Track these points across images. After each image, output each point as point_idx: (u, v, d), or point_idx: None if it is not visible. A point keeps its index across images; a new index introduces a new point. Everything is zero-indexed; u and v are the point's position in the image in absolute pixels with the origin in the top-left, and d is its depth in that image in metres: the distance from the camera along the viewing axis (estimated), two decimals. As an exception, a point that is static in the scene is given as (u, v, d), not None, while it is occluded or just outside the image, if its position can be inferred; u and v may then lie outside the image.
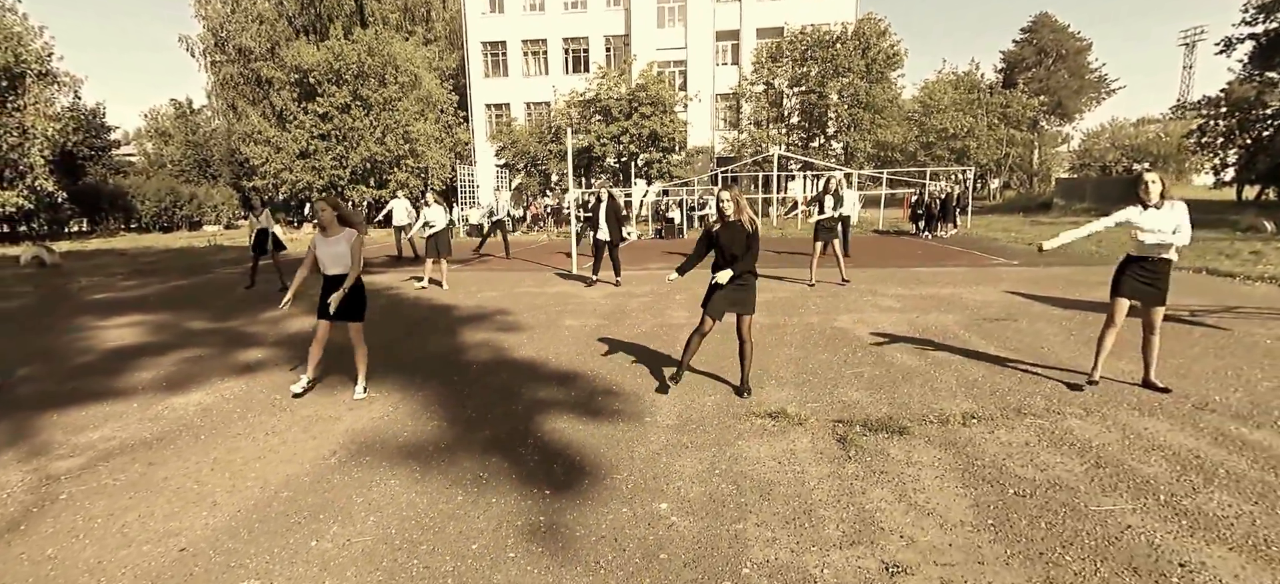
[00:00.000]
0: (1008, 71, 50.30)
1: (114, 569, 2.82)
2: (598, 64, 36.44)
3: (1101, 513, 3.15)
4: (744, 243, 4.84)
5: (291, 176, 32.19)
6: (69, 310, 9.67)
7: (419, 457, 3.99)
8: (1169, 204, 4.65)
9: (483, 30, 39.75)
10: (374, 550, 2.94)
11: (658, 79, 33.70)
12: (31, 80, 22.77)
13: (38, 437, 4.41)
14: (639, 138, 32.39)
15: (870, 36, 30.11)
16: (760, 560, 2.83)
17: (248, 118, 33.90)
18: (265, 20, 36.24)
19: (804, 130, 33.63)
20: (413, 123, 32.67)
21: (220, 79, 38.57)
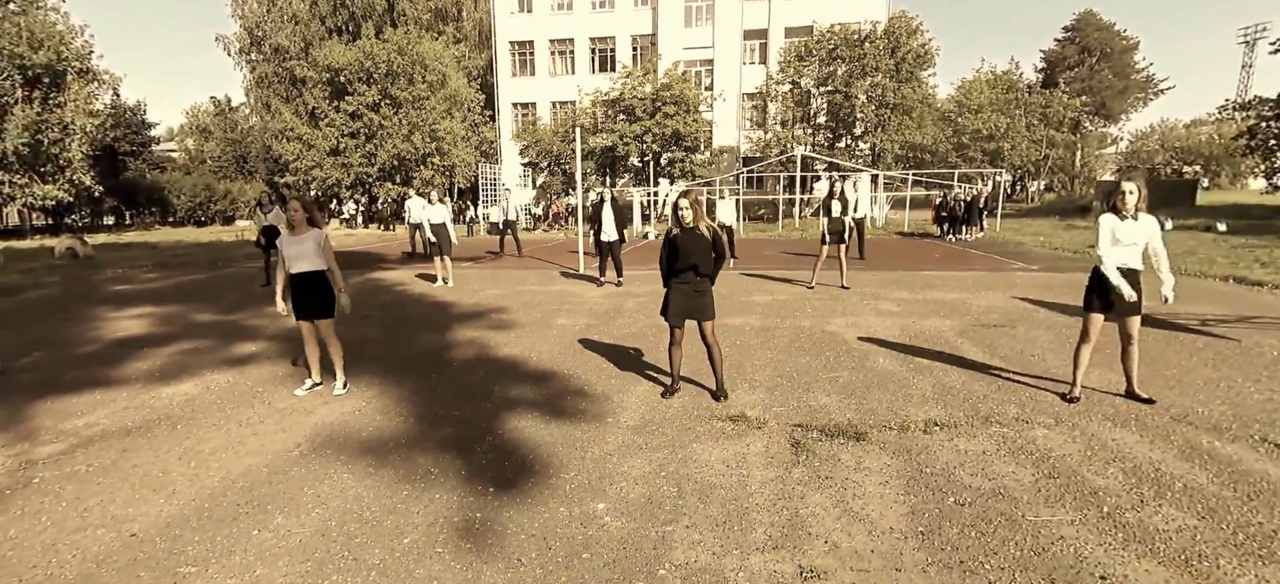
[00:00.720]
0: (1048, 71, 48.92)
1: (66, 551, 2.98)
2: (623, 64, 36.61)
3: (1037, 523, 3.09)
4: (705, 249, 4.82)
5: (322, 173, 33.06)
6: (88, 301, 10.13)
7: (377, 451, 4.10)
8: (1143, 217, 4.52)
9: (511, 30, 40.16)
10: (309, 542, 3.04)
11: (682, 78, 33.69)
12: (72, 78, 23.81)
13: (27, 422, 4.66)
14: (661, 137, 32.43)
15: (900, 35, 29.59)
16: (680, 562, 2.85)
17: (281, 115, 34.87)
18: (299, 20, 37.24)
19: (830, 131, 33.24)
20: (439, 121, 33.20)
21: (256, 77, 39.77)
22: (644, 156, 33.90)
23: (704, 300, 4.92)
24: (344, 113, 32.47)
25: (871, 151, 31.96)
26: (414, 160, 33.44)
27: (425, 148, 33.19)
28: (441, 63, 34.46)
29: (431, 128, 32.95)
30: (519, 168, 38.67)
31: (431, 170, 33.49)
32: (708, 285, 4.94)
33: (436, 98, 33.68)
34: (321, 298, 5.22)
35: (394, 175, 33.74)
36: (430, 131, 33.03)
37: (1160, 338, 6.63)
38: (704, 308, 4.91)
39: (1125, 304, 4.58)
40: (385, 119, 32.29)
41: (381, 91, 32.52)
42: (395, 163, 33.21)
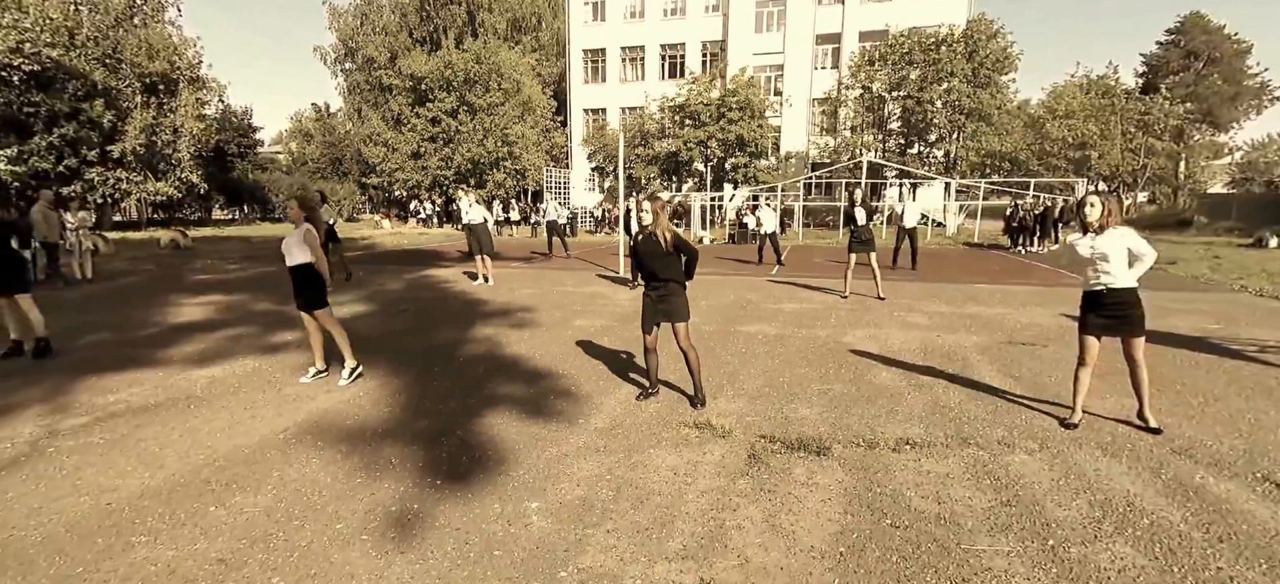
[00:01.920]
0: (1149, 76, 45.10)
1: (49, 514, 3.35)
2: (692, 70, 36.66)
3: (970, 552, 2.94)
4: (662, 254, 4.81)
5: (403, 175, 34.87)
6: (169, 288, 11.15)
7: (352, 439, 4.35)
8: (1113, 231, 4.20)
9: (585, 38, 41.01)
10: (253, 520, 3.28)
11: (749, 84, 33.39)
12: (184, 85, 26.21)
13: (65, 396, 5.23)
14: (726, 143, 32.24)
15: (979, 38, 28.15)
16: (585, 566, 2.89)
17: (370, 121, 37.02)
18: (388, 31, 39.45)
19: (903, 137, 32.02)
20: (511, 126, 34.32)
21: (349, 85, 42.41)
22: (708, 162, 33.81)
23: (675, 304, 4.91)
24: (424, 118, 34.16)
25: (945, 159, 30.55)
26: (487, 164, 34.72)
27: (498, 152, 34.39)
28: (516, 71, 35.65)
29: (503, 132, 34.11)
30: (587, 172, 39.38)
31: (503, 173, 34.66)
32: (676, 289, 4.93)
33: (510, 104, 34.85)
34: (312, 290, 5.52)
35: (469, 178, 35.13)
36: (502, 136, 34.19)
37: (1202, 362, 6.06)
38: (671, 311, 4.91)
39: (1117, 326, 4.26)
40: (462, 124, 33.71)
41: (459, 98, 33.99)
42: (470, 166, 34.58)
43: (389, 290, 11.28)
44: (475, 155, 33.91)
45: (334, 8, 41.21)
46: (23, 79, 21.95)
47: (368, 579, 2.77)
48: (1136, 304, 4.28)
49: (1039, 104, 38.76)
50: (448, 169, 34.30)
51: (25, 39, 20.93)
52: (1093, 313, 4.38)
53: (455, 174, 34.43)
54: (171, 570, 2.83)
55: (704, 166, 34.34)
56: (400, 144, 34.51)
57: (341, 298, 10.27)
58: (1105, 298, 4.30)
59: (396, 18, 39.40)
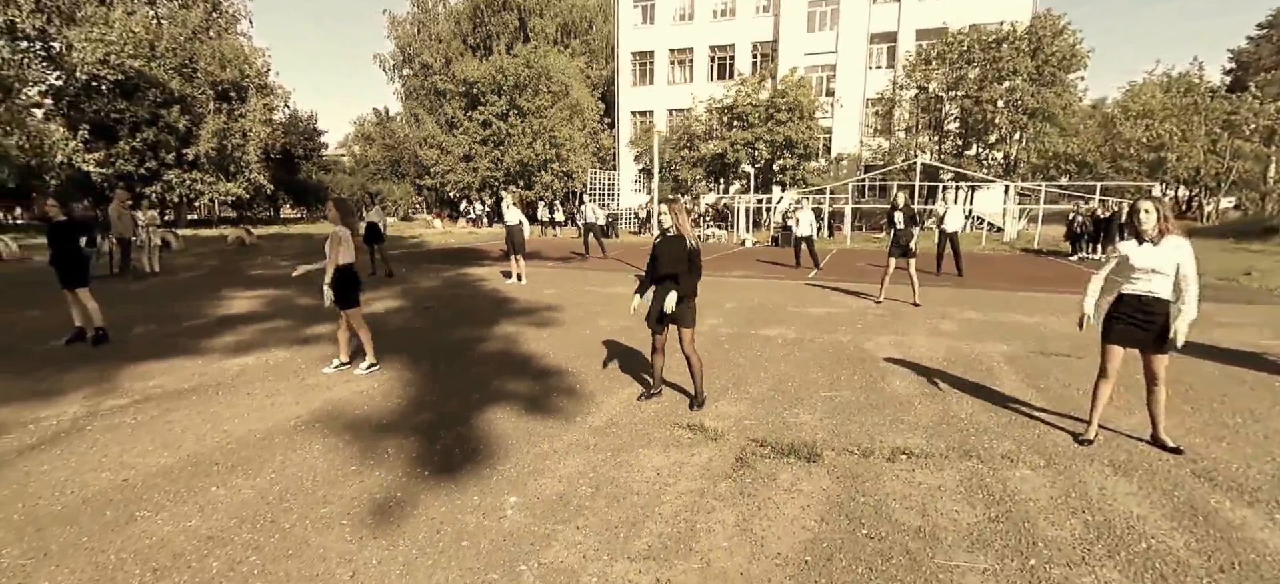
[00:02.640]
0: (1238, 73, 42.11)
1: (73, 487, 3.62)
2: (741, 72, 36.36)
3: (943, 568, 2.83)
4: (684, 258, 4.80)
5: (455, 177, 35.86)
6: (227, 281, 11.81)
7: (356, 429, 4.52)
8: (1169, 240, 3.93)
9: (633, 41, 41.25)
10: (248, 502, 3.46)
11: (798, 84, 32.92)
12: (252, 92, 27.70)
13: (111, 380, 5.62)
14: (773, 144, 31.86)
15: (1043, 35, 26.90)
16: (547, 561, 2.93)
17: (424, 124, 38.25)
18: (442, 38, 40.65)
19: (960, 138, 30.91)
20: (559, 128, 34.82)
21: (406, 90, 43.93)
22: (755, 164, 33.47)
23: (682, 309, 4.90)
24: (476, 122, 35.05)
25: (1005, 161, 29.32)
26: (536, 165, 35.34)
27: (546, 154, 34.96)
28: (565, 74, 36.17)
29: (551, 134, 34.64)
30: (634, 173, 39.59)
31: (550, 175, 35.21)
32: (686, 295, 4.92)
33: (558, 107, 35.37)
34: (348, 289, 5.78)
35: (517, 180, 35.84)
36: (550, 138, 34.73)
37: (1249, 379, 5.64)
38: (682, 316, 4.90)
39: (1144, 339, 4.01)
40: (511, 127, 34.43)
41: (510, 102, 34.73)
42: (518, 167, 35.28)
43: (424, 287, 11.63)
44: (524, 157, 34.55)
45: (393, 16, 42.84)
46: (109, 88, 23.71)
47: (337, 561, 2.89)
48: (1167, 318, 4.01)
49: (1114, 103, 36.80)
50: (497, 170, 35.06)
51: (111, 51, 22.59)
52: (1121, 320, 4.12)
53: (504, 175, 35.16)
54: (164, 543, 3.02)
55: (751, 168, 34.04)
56: (453, 146, 35.49)
57: (378, 294, 10.66)
58: (1139, 305, 4.03)
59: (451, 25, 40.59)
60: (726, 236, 27.25)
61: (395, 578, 2.78)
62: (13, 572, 2.79)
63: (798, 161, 32.64)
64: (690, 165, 35.43)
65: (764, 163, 33.20)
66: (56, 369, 5.97)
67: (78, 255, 7.13)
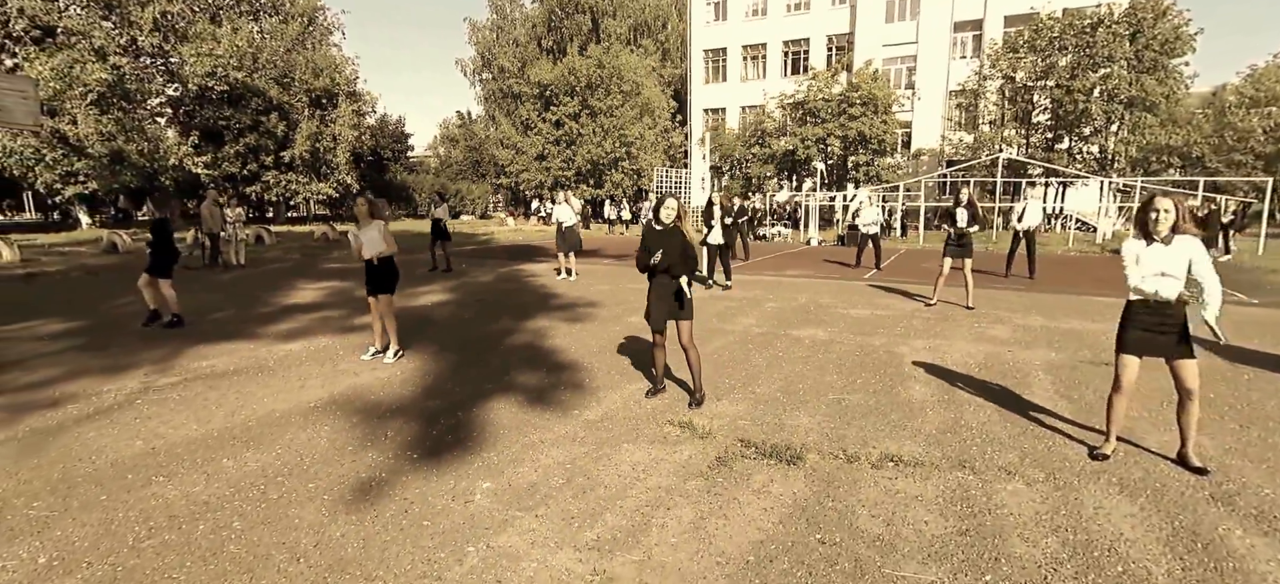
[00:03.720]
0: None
1: (108, 453, 4.05)
2: (815, 66, 35.46)
3: (887, 577, 2.74)
4: (674, 250, 4.80)
5: (529, 175, 36.93)
6: (302, 274, 12.70)
7: (365, 413, 4.81)
8: (1180, 240, 3.59)
9: (706, 39, 41.10)
10: (248, 474, 3.76)
11: (874, 78, 31.80)
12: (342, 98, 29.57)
13: (171, 359, 6.21)
14: (846, 140, 30.92)
15: (1145, 18, 24.73)
16: (496, 544, 3.04)
17: (501, 125, 39.61)
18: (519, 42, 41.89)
19: (1050, 131, 28.90)
20: (629, 127, 35.15)
21: (485, 94, 45.61)
22: (828, 160, 32.59)
23: (680, 302, 4.92)
24: (549, 122, 35.96)
25: (1100, 155, 27.16)
26: (606, 164, 35.85)
27: (616, 152, 35.39)
28: (636, 74, 36.48)
29: (621, 133, 35.03)
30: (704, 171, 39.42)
31: (620, 174, 35.63)
32: (681, 289, 4.92)
33: (628, 106, 35.72)
34: (383, 278, 6.13)
35: (588, 178, 36.49)
36: (620, 137, 35.12)
37: (1336, 400, 5.03)
38: (678, 311, 4.91)
39: (1165, 346, 3.69)
40: (583, 127, 35.09)
41: (582, 102, 35.40)
42: (589, 166, 35.91)
43: (477, 282, 12.09)
44: (595, 156, 35.12)
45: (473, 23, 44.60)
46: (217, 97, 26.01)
47: (307, 532, 3.11)
48: (1185, 319, 3.69)
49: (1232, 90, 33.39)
50: (569, 169, 35.80)
51: (218, 64, 24.81)
52: (1136, 326, 3.81)
53: (576, 174, 35.86)
54: (166, 506, 3.34)
55: (823, 164, 33.17)
56: (527, 147, 36.54)
57: (431, 287, 11.19)
58: (1154, 310, 3.73)
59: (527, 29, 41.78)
60: (792, 235, 26.66)
61: (352, 550, 2.96)
62: (36, 521, 3.18)
63: (872, 157, 31.54)
64: (761, 162, 34.93)
65: (836, 159, 32.29)
66: (129, 349, 6.66)
67: (167, 249, 7.89)
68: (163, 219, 7.89)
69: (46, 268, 14.06)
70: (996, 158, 25.73)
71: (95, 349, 6.67)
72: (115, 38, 22.39)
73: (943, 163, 33.32)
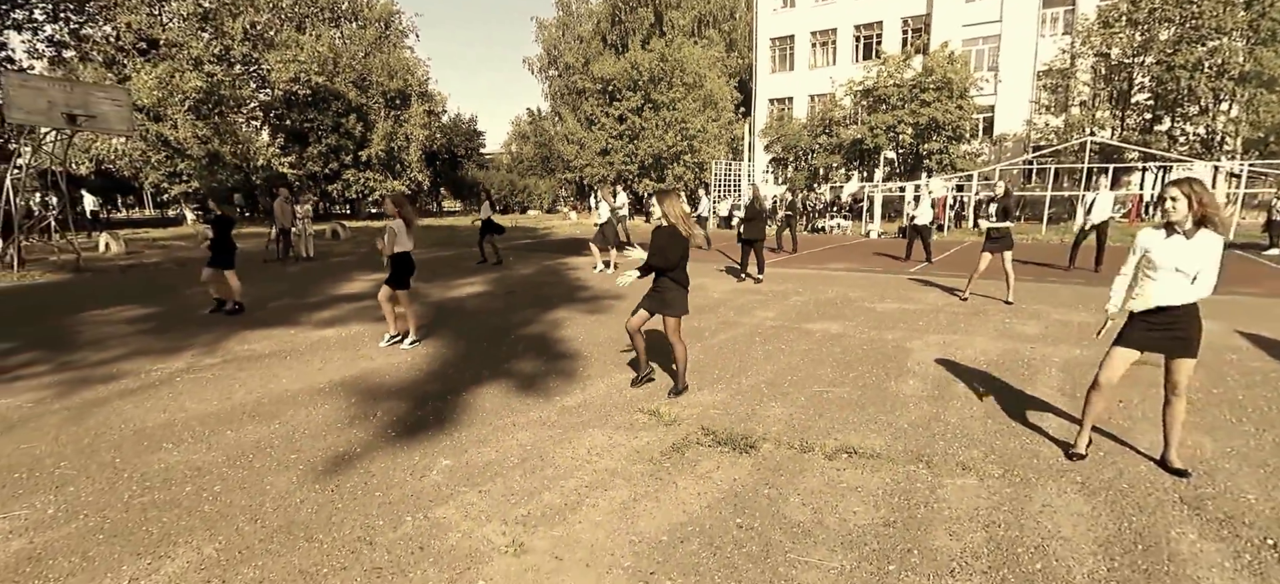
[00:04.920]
0: None
1: (135, 422, 4.57)
2: (889, 50, 34.11)
3: (792, 563, 2.76)
4: (663, 247, 4.89)
5: (593, 170, 37.47)
6: (361, 267, 13.54)
7: (366, 393, 5.17)
8: (1203, 235, 3.32)
9: (773, 27, 40.38)
10: (244, 443, 4.16)
11: (949, 60, 30.25)
12: (415, 99, 31.05)
13: (220, 342, 6.85)
14: (917, 127, 29.62)
15: (1263, -17, 22.36)
16: (433, 516, 3.25)
17: (566, 122, 40.40)
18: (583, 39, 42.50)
19: (1149, 112, 26.65)
20: (691, 119, 35.03)
21: (552, 90, 46.61)
22: (899, 149, 31.35)
23: (672, 296, 5.01)
24: (612, 117, 36.35)
25: (1207, 136, 24.80)
26: (668, 158, 35.88)
27: (678, 146, 35.35)
28: (699, 66, 36.27)
29: (683, 126, 34.94)
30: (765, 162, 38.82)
31: (682, 167, 35.56)
32: (674, 283, 5.01)
33: (689, 99, 35.58)
34: (398, 270, 6.53)
35: (651, 171, 36.63)
36: (682, 129, 35.04)
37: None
38: (671, 303, 5.00)
39: (1170, 344, 3.46)
40: (645, 121, 35.25)
41: (644, 96, 35.56)
42: (651, 160, 36.03)
43: (517, 274, 12.51)
44: (657, 149, 35.21)
45: (540, 21, 45.62)
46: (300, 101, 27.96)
47: (273, 497, 3.44)
48: (1195, 318, 3.44)
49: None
50: (632, 163, 36.07)
51: (301, 70, 26.66)
52: (1146, 320, 3.54)
53: (638, 168, 36.09)
54: (165, 470, 3.77)
55: (894, 153, 31.96)
56: (590, 142, 37.08)
57: (473, 279, 11.68)
58: (1169, 308, 3.49)
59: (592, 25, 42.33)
60: (851, 228, 25.86)
61: (305, 514, 3.26)
62: (58, 478, 3.67)
63: (945, 145, 30.08)
64: (827, 152, 34.02)
65: (908, 147, 31.01)
66: (187, 333, 7.38)
67: (229, 243, 8.66)
68: (223, 216, 8.65)
69: (144, 260, 15.63)
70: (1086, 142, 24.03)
71: (158, 333, 7.43)
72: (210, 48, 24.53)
73: (1028, 148, 31.35)
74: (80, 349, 6.67)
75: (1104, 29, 26.57)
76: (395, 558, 2.88)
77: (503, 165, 54.03)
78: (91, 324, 8.00)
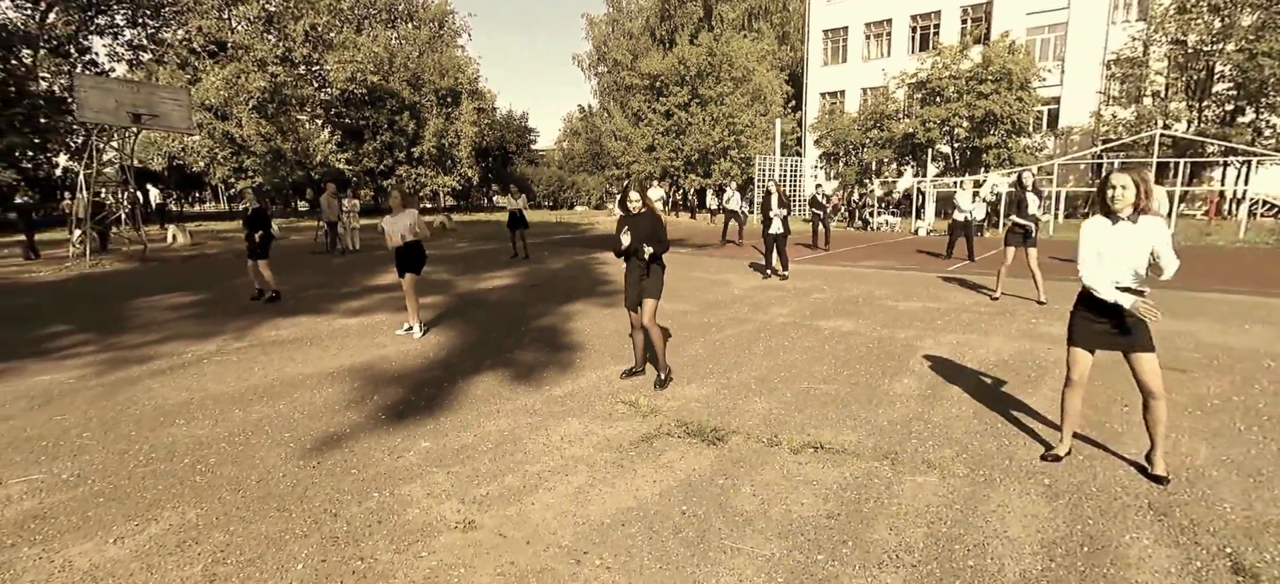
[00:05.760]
0: None
1: (157, 400, 4.94)
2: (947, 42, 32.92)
3: (721, 548, 2.80)
4: (649, 235, 4.95)
5: (639, 167, 37.63)
6: (398, 261, 14.06)
7: (370, 379, 5.43)
8: (1145, 220, 3.22)
9: (825, 18, 39.66)
10: (248, 423, 4.46)
11: (1010, 50, 28.95)
12: (465, 97, 31.90)
13: (251, 329, 7.29)
14: (973, 120, 28.50)
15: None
16: (399, 492, 3.42)
17: (614, 118, 40.71)
18: (632, 35, 42.65)
19: (1230, 102, 24.90)
20: (739, 114, 34.72)
21: (601, 87, 46.99)
22: (953, 143, 30.24)
23: (649, 282, 5.07)
24: (659, 113, 36.39)
25: (1291, 128, 23.02)
26: (715, 153, 35.66)
27: (725, 141, 35.09)
28: (747, 60, 35.90)
29: (730, 121, 34.66)
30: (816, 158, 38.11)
31: (729, 162, 35.30)
32: (655, 269, 5.08)
33: (737, 94, 35.26)
34: (412, 257, 6.81)
35: (697, 167, 36.51)
36: (728, 124, 34.77)
37: None
38: (648, 288, 5.07)
39: (1118, 339, 3.36)
40: (692, 116, 35.15)
41: (691, 91, 35.46)
42: (697, 155, 35.90)
43: (545, 268, 12.75)
44: (703, 145, 35.06)
45: (591, 18, 46.01)
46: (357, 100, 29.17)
47: (260, 471, 3.69)
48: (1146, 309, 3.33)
49: None
50: (678, 159, 36.04)
51: (357, 70, 27.82)
52: (1089, 318, 3.48)
53: (684, 163, 36.03)
54: (172, 442, 4.08)
55: (949, 147, 30.87)
56: (636, 138, 37.23)
57: (502, 272, 11.99)
58: (1107, 300, 3.40)
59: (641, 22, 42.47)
60: (899, 225, 25.15)
61: (284, 487, 3.49)
62: (79, 447, 4.03)
63: (1003, 138, 28.83)
64: (877, 146, 33.13)
65: (962, 142, 29.88)
66: (225, 319, 7.88)
67: (265, 236, 9.19)
68: (258, 210, 9.17)
69: (205, 251, 16.67)
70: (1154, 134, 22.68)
71: (199, 318, 7.97)
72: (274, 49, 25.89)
73: (1096, 141, 29.76)
74: (127, 332, 7.23)
75: (1180, 15, 25.02)
76: (353, 529, 3.06)
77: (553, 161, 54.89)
78: (143, 309, 8.63)
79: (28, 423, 4.46)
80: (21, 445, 4.08)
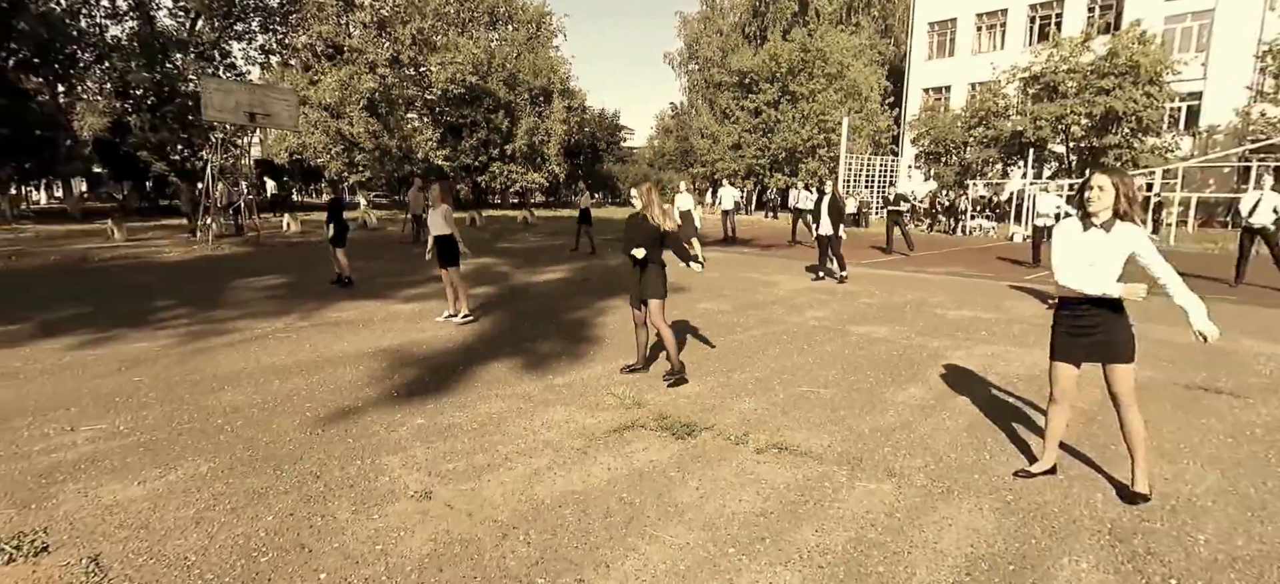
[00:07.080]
0: None
1: (218, 368, 5.61)
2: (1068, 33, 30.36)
3: (641, 533, 2.93)
4: (648, 234, 5.08)
5: (723, 164, 37.39)
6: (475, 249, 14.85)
7: (397, 361, 5.89)
8: (1120, 227, 3.02)
9: (931, 10, 37.73)
10: (280, 393, 4.99)
11: (1140, 41, 26.31)
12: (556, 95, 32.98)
13: (318, 309, 8.04)
14: (1091, 118, 26.15)
15: None
16: (380, 462, 3.77)
17: (702, 115, 40.67)
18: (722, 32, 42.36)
19: None
20: (830, 111, 33.70)
21: (690, 84, 47.03)
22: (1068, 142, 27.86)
23: (651, 281, 5.21)
24: (748, 110, 35.98)
25: None
26: (804, 151, 34.81)
27: (814, 139, 34.18)
28: (843, 54, 34.75)
29: (820, 118, 33.71)
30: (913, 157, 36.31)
31: (817, 161, 34.35)
32: (655, 269, 5.20)
33: (830, 90, 34.21)
34: (448, 254, 7.29)
35: (784, 166, 35.80)
36: (820, 122, 33.82)
37: None
38: (644, 287, 5.21)
39: (1094, 348, 3.18)
40: (782, 114, 34.50)
41: (782, 88, 34.80)
42: (785, 153, 35.19)
43: (602, 264, 13.07)
44: (791, 143, 34.32)
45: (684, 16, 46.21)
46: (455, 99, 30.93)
47: (272, 435, 4.16)
48: (1119, 319, 3.15)
49: None
50: (763, 157, 35.49)
51: (457, 71, 29.50)
52: (1068, 331, 3.31)
53: (770, 162, 35.43)
54: (214, 406, 4.67)
55: (1063, 147, 28.49)
56: (722, 135, 37.00)
57: (560, 266, 12.43)
58: (1083, 310, 3.23)
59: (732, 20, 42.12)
60: (995, 231, 23.55)
61: (286, 451, 3.93)
62: (137, 403, 4.70)
63: (1126, 138, 26.27)
64: (981, 145, 31.08)
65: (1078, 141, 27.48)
66: (300, 300, 8.72)
67: (341, 225, 10.07)
68: (335, 200, 10.04)
69: (310, 239, 18.33)
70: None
71: (280, 298, 8.88)
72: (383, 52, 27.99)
73: (1243, 141, 26.52)
74: (218, 308, 8.19)
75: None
76: (328, 489, 3.43)
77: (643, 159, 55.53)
78: (239, 289, 9.71)
79: (112, 382, 5.22)
80: (101, 400, 4.80)
